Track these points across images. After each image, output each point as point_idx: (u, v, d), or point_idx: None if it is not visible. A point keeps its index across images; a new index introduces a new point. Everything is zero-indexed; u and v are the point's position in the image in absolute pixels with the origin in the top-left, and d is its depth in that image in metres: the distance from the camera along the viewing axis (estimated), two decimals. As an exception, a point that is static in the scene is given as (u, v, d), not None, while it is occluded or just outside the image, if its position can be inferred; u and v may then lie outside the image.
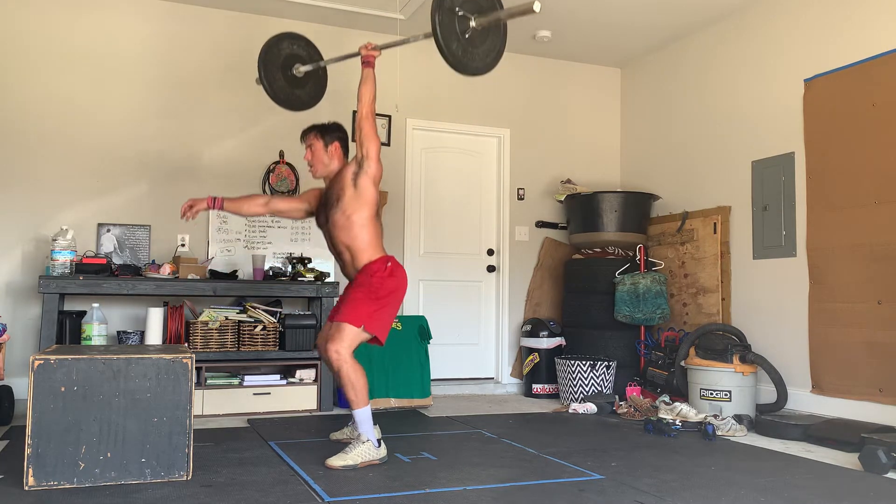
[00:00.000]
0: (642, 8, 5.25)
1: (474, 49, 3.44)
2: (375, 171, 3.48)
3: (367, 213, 3.48)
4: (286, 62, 4.20)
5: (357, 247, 3.47)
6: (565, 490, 2.89)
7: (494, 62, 3.55)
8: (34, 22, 4.90)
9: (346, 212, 3.46)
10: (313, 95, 4.32)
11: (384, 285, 3.42)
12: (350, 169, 3.51)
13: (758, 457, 3.58)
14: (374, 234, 3.49)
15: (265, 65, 4.14)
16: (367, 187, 3.47)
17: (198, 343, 4.60)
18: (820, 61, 4.63)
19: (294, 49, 4.23)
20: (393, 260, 3.50)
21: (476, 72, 3.50)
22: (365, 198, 3.47)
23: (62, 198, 4.88)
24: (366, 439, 3.27)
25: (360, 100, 3.51)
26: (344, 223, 3.47)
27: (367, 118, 3.48)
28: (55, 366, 2.81)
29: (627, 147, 6.42)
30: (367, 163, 3.47)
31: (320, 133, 3.63)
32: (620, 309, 5.42)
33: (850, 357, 4.33)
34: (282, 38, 4.22)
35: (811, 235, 4.61)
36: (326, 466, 3.19)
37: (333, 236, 3.54)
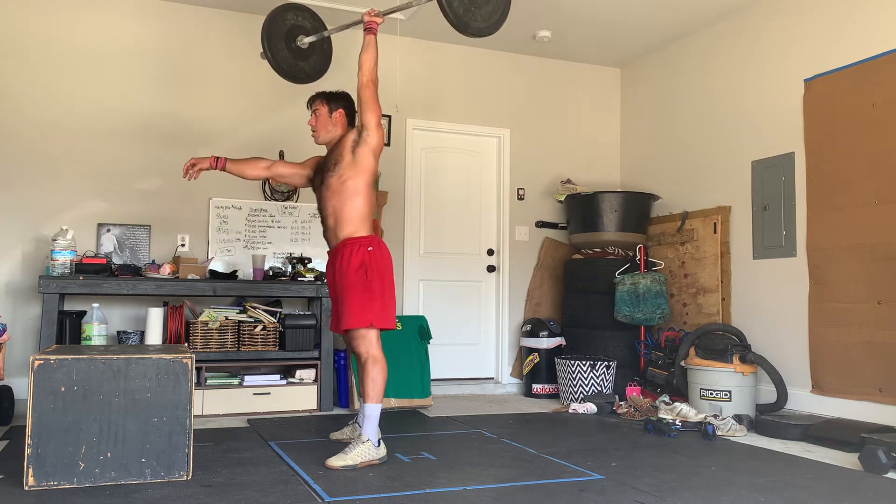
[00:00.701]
0: (642, 8, 5.25)
1: (477, 9, 3.38)
2: (375, 141, 3.46)
3: (362, 181, 3.45)
4: (290, 33, 4.11)
5: (345, 215, 3.44)
6: (565, 490, 2.89)
7: (499, 23, 3.47)
8: (34, 22, 4.90)
9: (342, 177, 3.45)
10: (318, 69, 4.26)
11: (375, 274, 3.38)
12: (350, 136, 3.51)
13: (758, 457, 3.58)
14: (364, 205, 3.46)
15: (269, 36, 4.05)
16: (365, 155, 3.45)
17: (198, 343, 4.60)
18: (820, 61, 4.63)
19: (298, 20, 4.14)
20: (374, 241, 3.46)
21: (479, 32, 3.42)
22: (362, 165, 3.45)
23: (62, 198, 4.88)
24: (366, 439, 3.27)
25: (360, 67, 3.47)
26: (338, 187, 3.45)
27: (368, 86, 3.45)
28: (55, 366, 2.81)
29: (627, 147, 6.42)
30: (366, 132, 3.45)
31: (326, 99, 3.63)
32: (620, 309, 5.42)
33: (850, 357, 4.33)
34: (286, 8, 4.13)
35: (811, 235, 4.61)
36: (326, 466, 3.19)
37: (324, 199, 3.52)
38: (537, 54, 6.20)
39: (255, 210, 5.31)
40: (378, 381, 3.35)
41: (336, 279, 3.48)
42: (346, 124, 3.63)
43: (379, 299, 3.40)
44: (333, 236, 3.52)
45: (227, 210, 5.24)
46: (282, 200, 5.37)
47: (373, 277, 3.39)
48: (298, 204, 5.41)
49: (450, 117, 5.96)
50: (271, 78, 5.40)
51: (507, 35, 5.76)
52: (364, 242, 3.43)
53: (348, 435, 3.68)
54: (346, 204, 3.45)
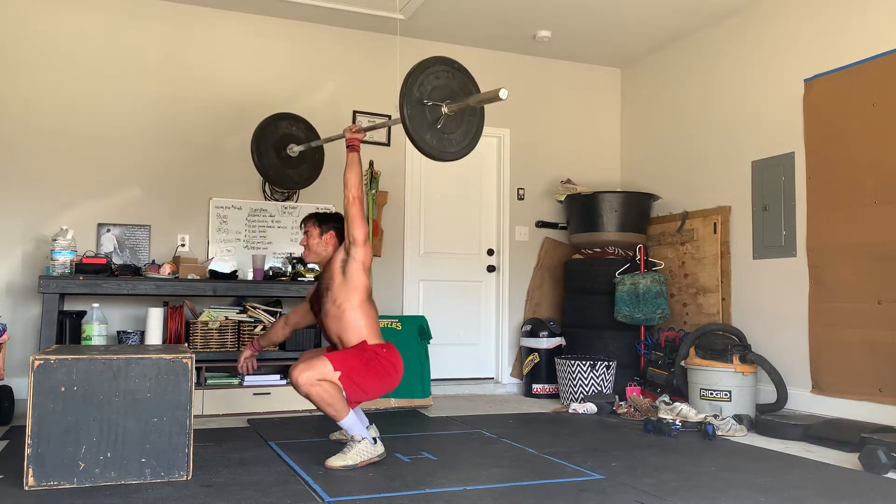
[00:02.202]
0: (642, 8, 5.25)
1: (450, 134, 3.42)
2: (364, 257, 3.45)
3: (357, 300, 3.43)
4: (281, 141, 4.33)
5: (349, 337, 3.42)
6: (565, 490, 2.89)
7: (473, 143, 3.53)
8: (34, 22, 4.90)
9: (337, 301, 3.43)
10: (305, 177, 4.50)
11: (381, 362, 3.37)
12: (339, 256, 3.49)
13: (758, 457, 3.58)
14: (367, 321, 3.44)
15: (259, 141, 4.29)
16: (355, 273, 3.44)
17: (198, 343, 4.60)
18: (820, 61, 4.63)
19: (292, 129, 4.38)
20: (389, 346, 3.46)
21: (455, 156, 3.47)
22: (353, 284, 3.43)
23: (62, 198, 4.88)
24: (360, 438, 3.27)
25: (346, 185, 3.48)
26: (335, 313, 3.44)
27: (354, 203, 3.45)
28: (55, 366, 2.81)
29: (627, 147, 6.42)
30: (354, 249, 3.44)
31: (318, 222, 3.63)
32: (620, 309, 5.42)
33: (850, 357, 4.33)
34: (281, 117, 4.36)
35: (811, 235, 4.61)
36: (326, 467, 3.19)
37: (326, 326, 3.51)
38: (537, 54, 6.20)
39: (255, 210, 5.31)
40: (333, 400, 3.23)
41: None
42: (336, 244, 3.60)
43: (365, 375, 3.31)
44: None
45: (227, 210, 5.24)
46: (282, 200, 5.37)
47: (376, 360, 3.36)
48: (298, 204, 5.41)
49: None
50: (272, 81, 5.44)
51: (507, 35, 5.76)
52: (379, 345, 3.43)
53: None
54: (350, 327, 3.42)
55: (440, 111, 3.34)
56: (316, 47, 5.57)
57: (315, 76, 5.55)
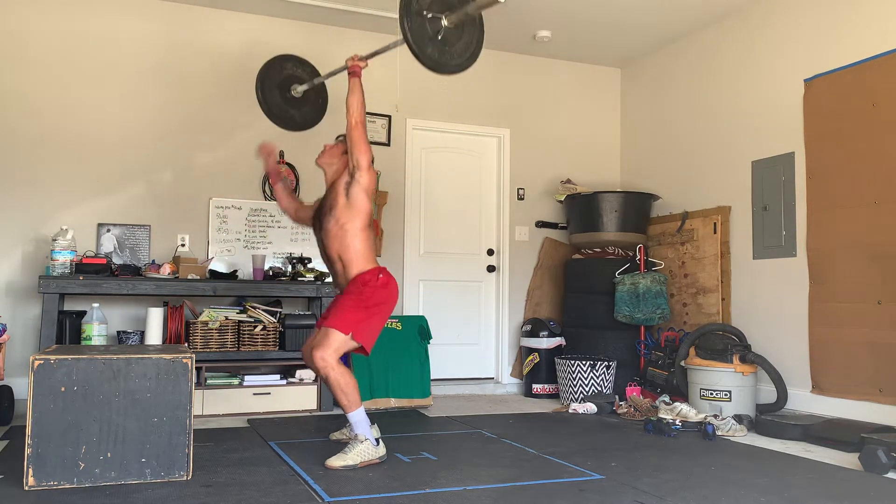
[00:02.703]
0: (642, 8, 5.25)
1: (451, 47, 3.43)
2: (367, 182, 3.48)
3: (359, 223, 3.48)
4: (286, 82, 4.30)
5: (349, 257, 3.48)
6: (565, 490, 2.89)
7: (475, 55, 3.54)
8: (35, 22, 4.90)
9: (340, 221, 3.48)
10: (309, 119, 4.46)
11: (375, 295, 3.42)
12: (342, 179, 3.53)
13: (758, 457, 3.58)
14: (365, 245, 3.50)
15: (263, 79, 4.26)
16: (358, 197, 3.48)
17: (198, 343, 4.60)
18: (820, 61, 4.63)
19: (297, 71, 4.36)
20: (384, 271, 3.51)
21: (457, 69, 3.49)
22: (356, 208, 3.48)
23: (62, 198, 4.88)
24: (364, 438, 3.28)
25: (348, 110, 3.51)
26: (336, 232, 3.49)
27: (356, 127, 3.48)
28: (55, 366, 2.81)
29: (627, 147, 6.42)
30: (358, 172, 3.47)
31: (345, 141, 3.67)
32: (620, 309, 5.42)
33: (850, 357, 4.33)
34: (286, 58, 4.34)
35: (811, 235, 4.61)
36: (326, 467, 3.19)
37: (326, 245, 3.56)
38: (537, 54, 6.20)
39: (255, 210, 5.31)
40: (348, 390, 3.30)
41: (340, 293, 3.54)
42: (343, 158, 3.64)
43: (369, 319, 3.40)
44: (344, 278, 3.54)
45: (227, 210, 5.24)
46: (282, 200, 5.37)
47: (372, 299, 3.41)
48: (298, 204, 5.41)
49: (450, 117, 5.96)
50: (271, 78, 5.43)
51: (507, 35, 5.76)
52: (373, 272, 3.48)
53: (348, 434, 3.68)
54: (349, 247, 3.48)
55: (440, 23, 3.35)
56: (316, 47, 5.57)
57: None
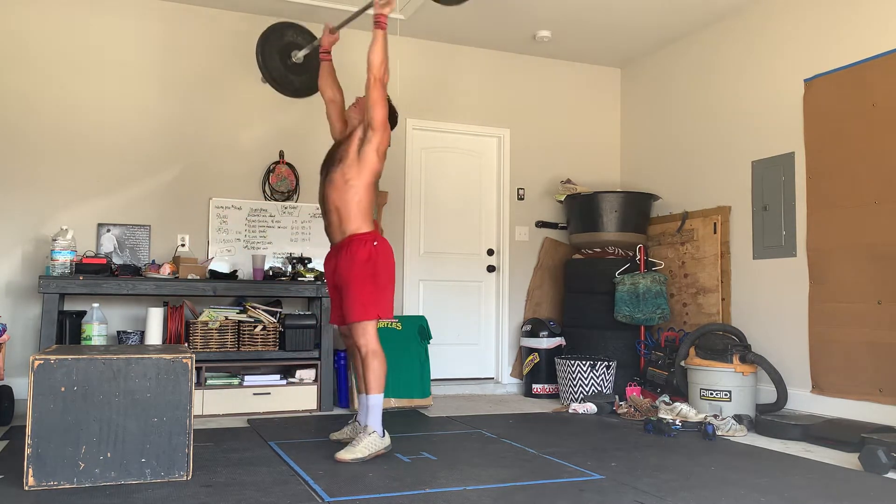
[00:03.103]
0: (642, 8, 5.25)
1: None
2: (379, 142, 3.49)
3: (364, 180, 3.50)
4: (286, 48, 4.27)
5: (347, 211, 3.49)
6: (565, 490, 2.89)
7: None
8: (35, 22, 4.90)
9: (346, 175, 3.49)
10: (307, 86, 4.40)
11: (379, 269, 3.46)
12: (357, 134, 3.55)
13: (758, 457, 3.58)
14: (366, 203, 3.51)
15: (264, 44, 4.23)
16: (369, 154, 3.49)
17: (198, 343, 4.60)
18: (820, 61, 4.63)
19: (297, 39, 4.32)
20: (378, 237, 3.52)
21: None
22: (366, 164, 3.49)
23: (62, 198, 4.88)
24: (372, 430, 3.34)
25: (370, 64, 3.46)
26: (341, 185, 3.50)
27: (376, 85, 3.45)
28: (55, 366, 2.81)
29: (627, 147, 6.42)
30: (371, 131, 3.48)
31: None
32: (620, 309, 5.42)
33: (850, 357, 4.33)
34: (287, 25, 4.31)
35: (811, 235, 4.61)
36: (336, 460, 3.24)
37: (327, 194, 3.56)
38: (537, 54, 6.20)
39: (255, 210, 5.31)
40: (379, 373, 3.42)
41: (341, 272, 3.51)
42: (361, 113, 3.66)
43: (384, 293, 3.48)
44: (338, 232, 3.55)
45: (227, 210, 5.24)
46: (282, 200, 5.37)
47: (379, 272, 3.46)
48: (298, 204, 5.41)
49: (450, 117, 5.96)
50: (271, 78, 5.43)
51: (507, 35, 5.76)
52: (369, 238, 3.49)
53: (348, 434, 3.68)
54: (350, 202, 3.49)
55: None
56: (316, 47, 5.57)
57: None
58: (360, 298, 3.42)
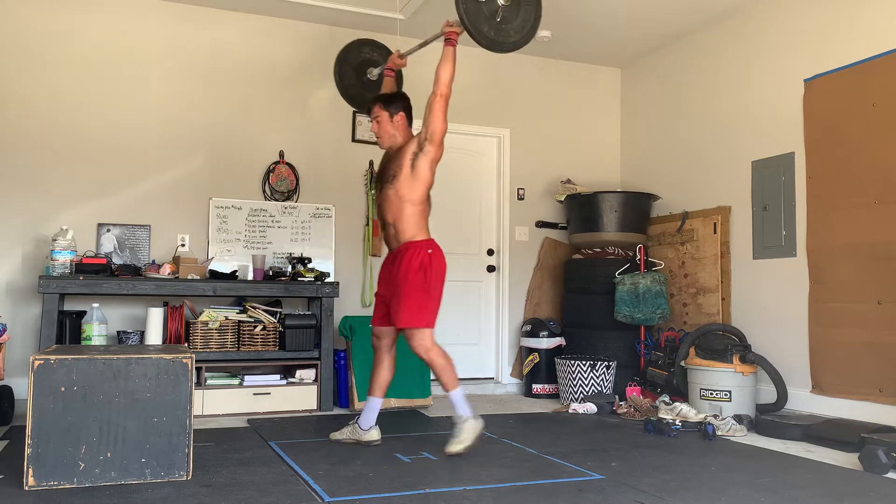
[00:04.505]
0: (642, 8, 5.25)
1: (508, 25, 3.47)
2: (436, 154, 3.58)
3: (418, 194, 3.58)
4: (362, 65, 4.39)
5: (403, 225, 3.60)
6: (565, 490, 2.89)
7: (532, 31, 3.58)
8: (36, 22, 4.90)
9: (400, 192, 3.57)
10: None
11: (431, 278, 3.57)
12: (410, 148, 3.60)
13: (758, 457, 3.58)
14: (421, 215, 3.62)
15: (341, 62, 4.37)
16: (423, 168, 3.57)
17: (198, 343, 4.60)
18: (820, 61, 4.63)
19: (374, 55, 4.43)
20: (433, 245, 3.63)
21: (515, 46, 3.55)
22: (420, 179, 3.57)
23: (62, 198, 4.88)
24: (466, 418, 3.48)
25: (437, 79, 3.53)
26: (395, 200, 3.59)
27: (440, 99, 3.53)
28: (55, 366, 2.81)
29: (627, 147, 6.42)
30: (428, 145, 3.55)
31: (384, 104, 3.71)
32: (620, 309, 5.42)
33: (850, 357, 4.33)
34: (363, 42, 4.44)
35: (811, 235, 4.61)
36: (447, 454, 3.40)
37: (383, 209, 3.67)
38: (537, 54, 6.19)
39: (255, 210, 5.31)
40: (447, 370, 3.55)
41: (394, 278, 3.61)
42: (406, 128, 3.72)
43: (435, 301, 3.60)
44: (394, 240, 3.66)
45: (227, 210, 5.24)
46: (282, 200, 5.37)
47: (430, 280, 3.57)
48: (298, 204, 5.41)
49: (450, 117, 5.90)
50: (271, 81, 5.44)
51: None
52: (424, 246, 3.60)
53: (348, 435, 3.69)
54: (405, 217, 3.59)
55: (496, 3, 3.41)
56: (316, 47, 5.57)
57: (316, 76, 5.55)
58: (411, 305, 3.51)
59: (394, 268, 3.63)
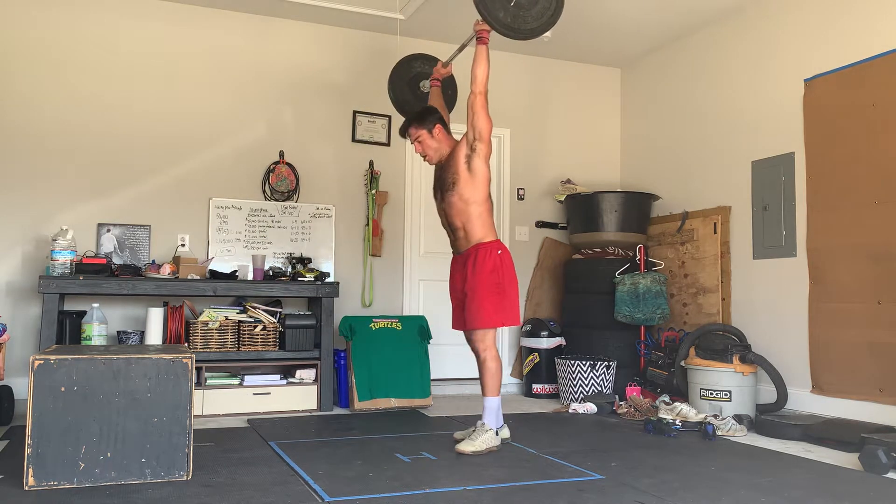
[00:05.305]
0: (642, 8, 5.25)
1: (526, 12, 3.45)
2: (487, 151, 3.63)
3: (482, 194, 3.64)
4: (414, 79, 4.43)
5: (472, 227, 3.65)
6: (565, 490, 2.89)
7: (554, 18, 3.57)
8: (35, 22, 4.90)
9: (463, 196, 3.62)
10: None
11: (503, 277, 3.60)
12: (461, 151, 3.63)
13: (758, 457, 3.58)
14: (487, 215, 3.67)
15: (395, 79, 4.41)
16: (480, 168, 3.61)
17: (198, 343, 4.60)
18: (820, 61, 4.63)
19: (425, 68, 4.49)
20: (502, 246, 3.67)
21: (532, 33, 3.54)
22: (479, 178, 3.62)
23: (62, 198, 4.88)
24: (489, 427, 3.56)
25: (474, 78, 3.60)
26: (461, 206, 3.63)
27: (480, 97, 3.58)
28: (55, 366, 2.81)
29: (627, 147, 6.42)
30: (478, 144, 3.59)
31: (419, 123, 3.76)
32: (620, 309, 5.42)
33: (850, 357, 4.33)
34: (414, 57, 4.48)
35: (811, 235, 4.61)
36: (457, 451, 3.46)
37: (449, 215, 3.70)
38: (537, 54, 6.19)
39: (255, 210, 5.31)
40: (496, 376, 3.60)
41: (469, 280, 3.66)
42: (447, 137, 3.78)
43: (509, 300, 3.63)
44: (464, 243, 3.71)
45: (227, 210, 5.24)
46: (282, 200, 5.37)
47: (504, 281, 3.61)
48: (298, 204, 5.41)
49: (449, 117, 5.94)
50: (271, 81, 5.44)
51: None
52: (494, 247, 3.64)
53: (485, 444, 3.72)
54: (474, 218, 3.64)
55: None
56: (316, 47, 5.57)
57: (315, 76, 5.55)
58: (486, 307, 3.57)
59: (466, 270, 3.69)
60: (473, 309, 3.62)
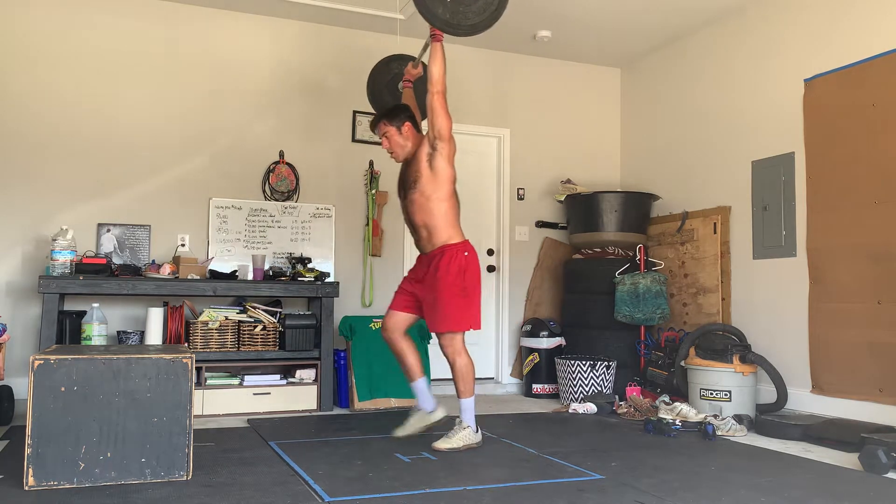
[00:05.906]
0: (642, 8, 5.25)
1: (466, 7, 3.40)
2: (449, 151, 3.58)
3: (444, 192, 3.59)
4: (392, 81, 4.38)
5: (435, 225, 3.60)
6: (565, 490, 2.89)
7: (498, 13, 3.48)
8: (35, 22, 4.90)
9: (425, 192, 3.58)
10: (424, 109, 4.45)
11: (468, 280, 3.57)
12: (424, 150, 3.61)
13: (758, 457, 3.58)
14: (451, 213, 3.62)
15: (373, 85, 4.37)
16: (442, 167, 3.57)
17: (198, 343, 4.60)
18: (820, 61, 4.63)
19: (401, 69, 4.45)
20: (469, 247, 3.63)
21: (474, 29, 3.46)
22: (441, 177, 3.58)
23: (62, 198, 4.88)
24: (466, 425, 3.54)
25: (430, 77, 3.56)
26: (423, 203, 3.59)
27: (438, 96, 3.54)
28: (55, 366, 2.81)
29: (627, 147, 6.42)
30: (439, 143, 3.55)
31: (389, 119, 3.74)
32: (620, 309, 5.42)
33: (850, 357, 4.33)
34: (390, 59, 4.41)
35: (811, 235, 4.61)
36: (433, 448, 3.47)
37: (411, 213, 3.66)
38: (537, 54, 6.19)
39: (255, 210, 5.31)
40: (468, 378, 3.62)
41: (432, 282, 3.61)
42: (415, 135, 3.75)
43: (473, 304, 3.60)
44: (428, 244, 3.66)
45: (227, 210, 5.24)
46: (282, 200, 5.37)
47: (468, 284, 3.57)
48: (298, 204, 5.41)
49: (450, 117, 5.94)
50: (271, 81, 5.44)
51: (507, 35, 5.76)
52: (460, 248, 3.60)
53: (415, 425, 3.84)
54: (435, 217, 3.59)
55: None
56: (316, 47, 5.57)
57: (315, 76, 5.55)
58: (452, 310, 3.55)
59: (430, 270, 3.63)
60: (439, 312, 3.57)
